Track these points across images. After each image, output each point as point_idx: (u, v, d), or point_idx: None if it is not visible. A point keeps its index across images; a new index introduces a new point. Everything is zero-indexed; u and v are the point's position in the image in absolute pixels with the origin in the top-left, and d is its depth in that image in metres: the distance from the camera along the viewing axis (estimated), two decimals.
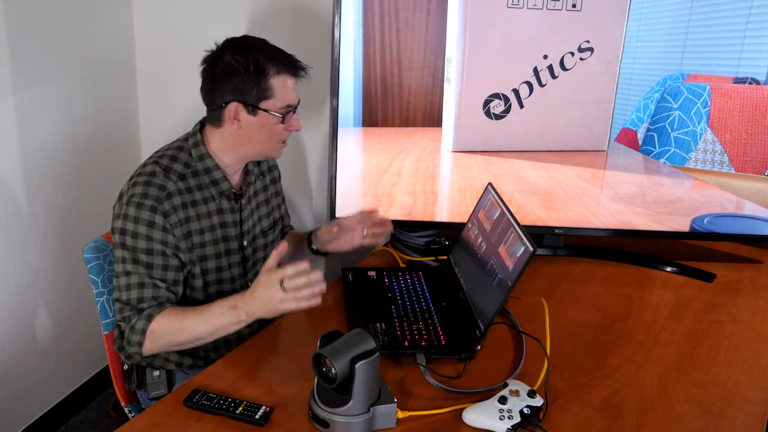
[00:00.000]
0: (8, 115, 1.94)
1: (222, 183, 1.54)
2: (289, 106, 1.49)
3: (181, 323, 1.43)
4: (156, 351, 1.47)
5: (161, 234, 1.45)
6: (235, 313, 1.40)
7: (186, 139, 1.56)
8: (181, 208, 1.48)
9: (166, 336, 1.44)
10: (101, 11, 2.22)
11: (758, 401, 1.35)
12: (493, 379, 1.37)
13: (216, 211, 1.55)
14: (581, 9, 1.79)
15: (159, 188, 1.46)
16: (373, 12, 1.83)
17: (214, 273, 1.57)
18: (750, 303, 1.76)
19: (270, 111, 1.47)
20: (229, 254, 1.59)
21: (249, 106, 1.47)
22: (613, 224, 1.94)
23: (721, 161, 1.87)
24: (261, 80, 1.45)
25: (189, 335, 1.43)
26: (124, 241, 1.45)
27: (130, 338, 1.45)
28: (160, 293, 1.46)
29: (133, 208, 1.44)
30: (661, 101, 1.86)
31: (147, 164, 1.50)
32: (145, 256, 1.45)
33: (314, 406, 1.21)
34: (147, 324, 1.43)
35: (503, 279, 1.44)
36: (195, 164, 1.52)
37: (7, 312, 2.05)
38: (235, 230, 1.59)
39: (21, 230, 2.05)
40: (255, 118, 1.48)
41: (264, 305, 1.36)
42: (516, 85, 1.86)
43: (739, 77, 1.81)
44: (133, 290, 1.44)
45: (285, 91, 1.47)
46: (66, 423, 2.35)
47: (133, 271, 1.45)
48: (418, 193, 1.95)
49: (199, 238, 1.52)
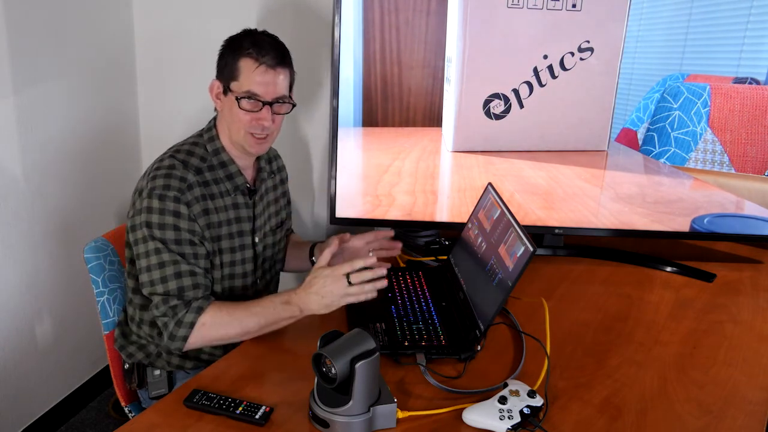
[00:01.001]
0: (8, 115, 1.94)
1: (237, 177, 1.56)
2: (249, 93, 1.47)
3: (232, 316, 1.44)
4: (199, 345, 1.46)
5: (188, 223, 1.46)
6: (289, 308, 1.42)
7: (201, 135, 1.58)
8: (201, 199, 1.49)
9: (218, 329, 1.44)
10: (101, 11, 2.22)
11: (758, 401, 1.35)
12: (493, 379, 1.37)
13: (232, 205, 1.56)
14: (581, 9, 1.79)
15: (180, 180, 1.47)
16: (373, 12, 1.83)
17: (228, 267, 1.57)
18: (750, 303, 1.76)
19: (233, 92, 1.48)
20: (243, 249, 1.59)
21: (223, 84, 1.50)
22: (613, 224, 1.94)
23: (721, 161, 1.87)
24: (233, 60, 1.47)
25: (239, 329, 1.44)
26: (152, 234, 1.45)
27: (175, 332, 1.43)
28: (199, 280, 1.46)
29: (156, 200, 1.44)
30: (661, 101, 1.86)
31: (164, 159, 1.51)
32: (175, 246, 1.45)
33: (314, 406, 1.21)
34: (197, 316, 1.42)
35: (503, 279, 1.44)
36: (211, 158, 1.54)
37: (7, 312, 2.05)
38: (249, 225, 1.60)
39: (21, 230, 2.05)
40: (226, 98, 1.51)
41: (323, 299, 1.39)
42: (516, 85, 1.86)
43: (739, 77, 1.81)
44: (171, 281, 1.44)
45: (250, 75, 1.46)
46: (66, 423, 2.35)
47: (168, 262, 1.44)
48: (418, 193, 1.95)
49: (217, 230, 1.53)
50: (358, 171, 1.95)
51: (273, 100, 1.49)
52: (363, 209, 1.95)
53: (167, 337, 1.44)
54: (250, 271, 1.63)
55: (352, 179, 1.95)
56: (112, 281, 1.66)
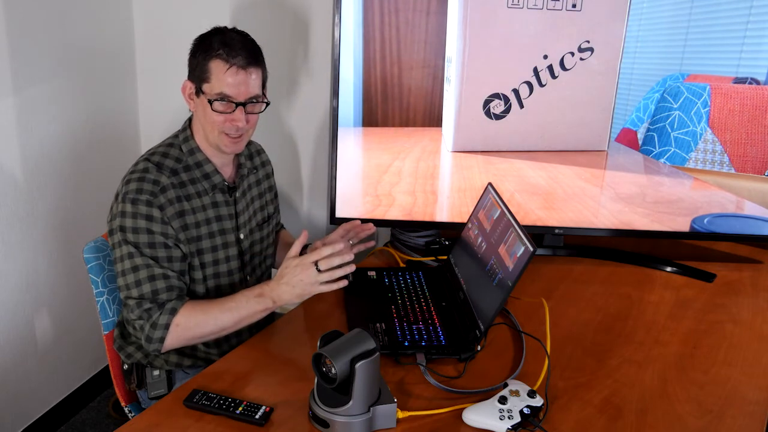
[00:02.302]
0: (8, 115, 1.94)
1: (214, 176, 1.56)
2: (221, 95, 1.46)
3: (206, 315, 1.44)
4: (176, 346, 1.47)
5: (161, 226, 1.46)
6: (263, 301, 1.43)
7: (176, 136, 1.58)
8: (176, 201, 1.49)
9: (192, 328, 1.44)
10: (101, 10, 2.22)
11: (758, 401, 1.35)
12: (493, 379, 1.37)
13: (211, 204, 1.56)
14: (581, 9, 1.79)
15: (153, 183, 1.47)
16: (373, 12, 1.83)
17: (211, 266, 1.57)
18: (750, 303, 1.76)
19: (205, 93, 1.47)
20: (227, 247, 1.59)
21: (195, 85, 1.50)
22: (613, 224, 1.94)
23: (721, 161, 1.87)
24: (203, 61, 1.46)
25: (215, 326, 1.45)
26: (125, 238, 1.45)
27: (150, 335, 1.44)
28: (173, 282, 1.47)
29: (129, 204, 1.45)
30: (661, 101, 1.86)
31: (139, 162, 1.52)
32: (149, 250, 1.45)
33: (314, 406, 1.21)
34: (171, 318, 1.43)
35: (503, 279, 1.44)
36: (186, 159, 1.54)
37: (7, 312, 2.05)
38: (231, 223, 1.60)
39: (21, 230, 2.05)
40: (198, 100, 1.51)
41: (294, 289, 1.40)
42: (516, 85, 1.86)
43: (739, 77, 1.81)
44: (144, 284, 1.45)
45: (221, 77, 1.45)
46: (66, 423, 2.35)
47: (141, 266, 1.45)
48: (418, 193, 1.95)
49: (195, 231, 1.53)
50: (358, 171, 1.95)
51: (246, 100, 1.48)
52: (363, 209, 1.95)
53: (144, 340, 1.45)
54: (236, 269, 1.62)
55: (352, 179, 1.95)
56: (112, 281, 1.66)
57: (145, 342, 1.45)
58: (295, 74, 2.21)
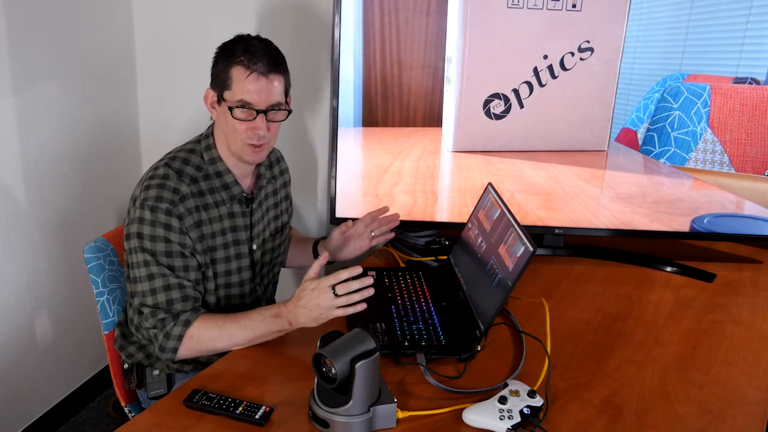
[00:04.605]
0: (8, 115, 1.94)
1: (233, 187, 1.54)
2: (242, 102, 1.44)
3: (221, 330, 1.43)
4: (189, 356, 1.46)
5: (179, 236, 1.45)
6: (279, 322, 1.41)
7: (198, 141, 1.56)
8: (195, 210, 1.48)
9: (206, 342, 1.44)
10: (101, 11, 2.22)
11: (758, 401, 1.35)
12: (493, 379, 1.37)
13: (227, 215, 1.54)
14: (581, 9, 1.79)
15: (173, 191, 1.45)
16: (373, 12, 1.83)
17: (223, 276, 1.56)
18: (750, 303, 1.76)
19: (226, 101, 1.46)
20: (239, 258, 1.58)
21: (216, 93, 1.48)
22: (613, 224, 1.94)
23: (721, 161, 1.87)
24: (225, 68, 1.45)
25: (228, 342, 1.43)
26: (142, 245, 1.44)
27: (164, 345, 1.43)
28: (188, 292, 1.46)
29: (148, 211, 1.43)
30: (661, 101, 1.86)
31: (159, 167, 1.50)
32: (165, 259, 1.44)
33: (314, 406, 1.21)
34: (185, 329, 1.43)
35: (503, 279, 1.44)
36: (207, 167, 1.52)
37: (7, 312, 2.05)
38: (246, 234, 1.59)
39: (21, 230, 2.05)
40: (220, 108, 1.48)
41: (311, 312, 1.37)
42: (516, 85, 1.86)
43: (739, 77, 1.81)
44: (159, 294, 1.44)
45: (242, 84, 1.43)
46: (66, 423, 2.35)
47: (156, 274, 1.44)
48: (418, 193, 1.95)
49: (211, 241, 1.52)
50: (358, 171, 1.95)
51: (267, 108, 1.45)
52: (363, 209, 1.95)
53: (157, 349, 1.45)
54: (248, 279, 1.62)
55: (353, 179, 1.95)
56: (112, 281, 1.66)
57: (159, 351, 1.45)
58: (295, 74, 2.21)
